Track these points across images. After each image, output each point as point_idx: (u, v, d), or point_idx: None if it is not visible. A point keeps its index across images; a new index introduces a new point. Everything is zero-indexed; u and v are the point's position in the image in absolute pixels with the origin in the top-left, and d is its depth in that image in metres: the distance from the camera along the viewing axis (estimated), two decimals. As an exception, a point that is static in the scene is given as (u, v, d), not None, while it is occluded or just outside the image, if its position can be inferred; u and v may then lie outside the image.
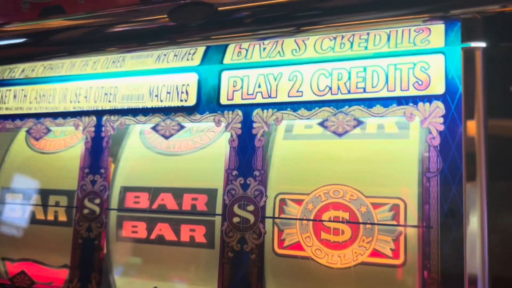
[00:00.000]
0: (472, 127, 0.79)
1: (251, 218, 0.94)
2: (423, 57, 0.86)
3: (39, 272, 1.15)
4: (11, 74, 1.32)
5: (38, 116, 1.23)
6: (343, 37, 0.94)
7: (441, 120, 0.83)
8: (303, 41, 0.97)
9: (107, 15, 1.09)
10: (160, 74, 1.09)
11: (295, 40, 0.98)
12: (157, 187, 1.04)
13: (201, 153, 1.03)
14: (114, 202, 1.08)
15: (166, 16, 0.97)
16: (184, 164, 1.04)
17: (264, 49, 1.00)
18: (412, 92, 0.86)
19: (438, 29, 0.87)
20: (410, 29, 0.89)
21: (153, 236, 1.02)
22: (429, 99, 0.84)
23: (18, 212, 1.20)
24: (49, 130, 1.21)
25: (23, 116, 1.26)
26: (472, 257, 0.75)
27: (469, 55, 0.81)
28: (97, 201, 1.09)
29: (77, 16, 1.15)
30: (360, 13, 0.92)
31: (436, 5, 0.87)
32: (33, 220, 1.18)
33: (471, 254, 0.75)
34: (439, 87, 0.84)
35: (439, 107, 0.83)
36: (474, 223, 0.76)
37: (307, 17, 0.93)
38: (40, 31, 1.20)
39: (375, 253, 0.84)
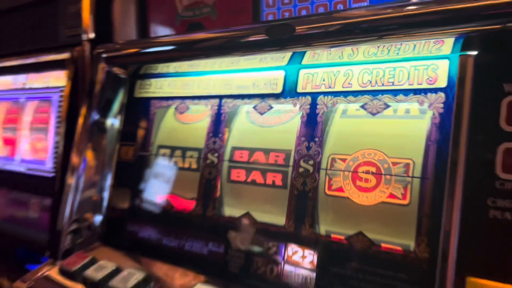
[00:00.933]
0: (460, 110, 1.06)
1: (311, 169, 1.34)
2: (434, 61, 1.18)
3: (177, 202, 1.59)
4: (166, 69, 1.74)
5: (182, 98, 1.65)
6: (384, 46, 1.31)
7: (442, 105, 1.15)
8: (356, 48, 1.35)
9: (233, 30, 1.45)
10: (261, 71, 1.50)
11: (351, 48, 1.37)
12: (253, 147, 1.45)
13: (284, 126, 1.41)
14: (226, 156, 1.52)
15: (264, 33, 1.38)
16: (272, 134, 1.42)
17: (330, 54, 1.40)
18: (425, 85, 1.18)
19: (449, 41, 1.19)
20: (430, 41, 1.23)
21: (249, 180, 1.46)
22: (435, 90, 1.16)
23: (167, 161, 1.70)
24: (188, 108, 1.69)
25: (173, 98, 1.68)
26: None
27: (464, 60, 1.08)
28: (216, 155, 1.56)
29: (212, 31, 1.48)
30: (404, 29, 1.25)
31: (453, 26, 1.15)
32: (176, 167, 1.66)
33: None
34: (442, 83, 1.15)
35: (441, 96, 1.16)
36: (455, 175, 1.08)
37: (361, 33, 1.28)
38: (186, 41, 1.54)
39: (391, 196, 1.18)
